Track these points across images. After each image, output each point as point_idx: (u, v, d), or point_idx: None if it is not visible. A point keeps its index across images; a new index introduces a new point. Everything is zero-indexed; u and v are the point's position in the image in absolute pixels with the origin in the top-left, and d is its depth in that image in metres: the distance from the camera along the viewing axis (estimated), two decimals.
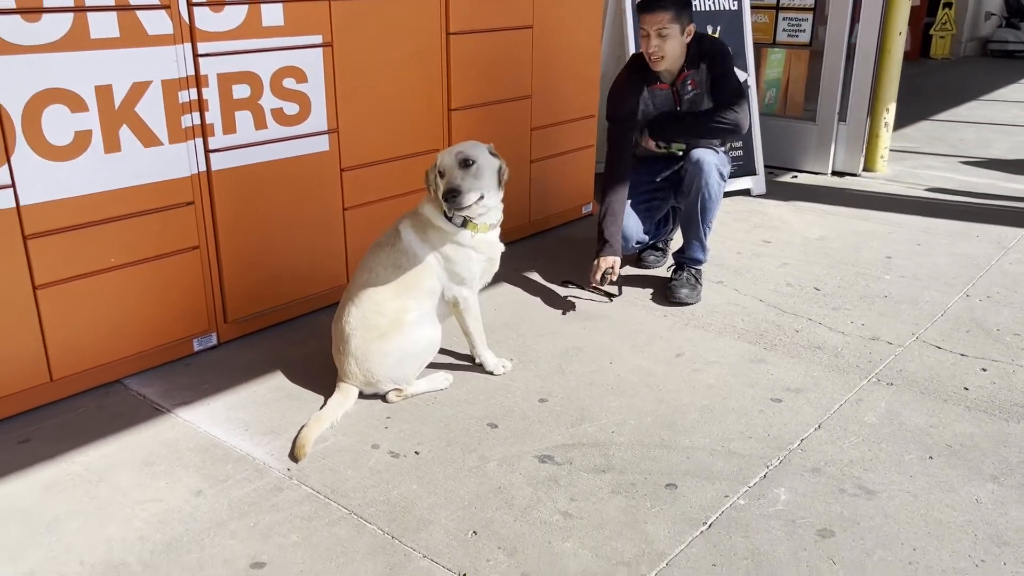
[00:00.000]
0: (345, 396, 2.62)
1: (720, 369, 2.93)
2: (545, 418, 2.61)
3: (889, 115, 5.46)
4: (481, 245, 2.74)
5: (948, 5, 12.01)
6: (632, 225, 3.53)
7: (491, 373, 2.87)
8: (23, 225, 2.48)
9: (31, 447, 2.45)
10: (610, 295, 3.48)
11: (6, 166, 2.41)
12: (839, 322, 3.30)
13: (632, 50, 4.57)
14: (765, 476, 2.32)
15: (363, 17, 3.20)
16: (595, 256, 3.41)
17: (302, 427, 2.48)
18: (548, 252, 4.07)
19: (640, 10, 3.36)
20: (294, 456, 2.38)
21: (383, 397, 2.70)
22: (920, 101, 8.30)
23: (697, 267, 3.56)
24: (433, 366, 2.82)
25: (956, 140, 6.67)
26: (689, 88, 3.49)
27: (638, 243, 3.63)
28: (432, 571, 1.96)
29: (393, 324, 2.64)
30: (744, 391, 2.77)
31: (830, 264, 3.93)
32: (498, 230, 2.83)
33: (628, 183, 3.47)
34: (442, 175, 2.67)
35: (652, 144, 3.57)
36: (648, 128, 3.52)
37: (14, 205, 2.45)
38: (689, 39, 3.39)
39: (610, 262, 3.37)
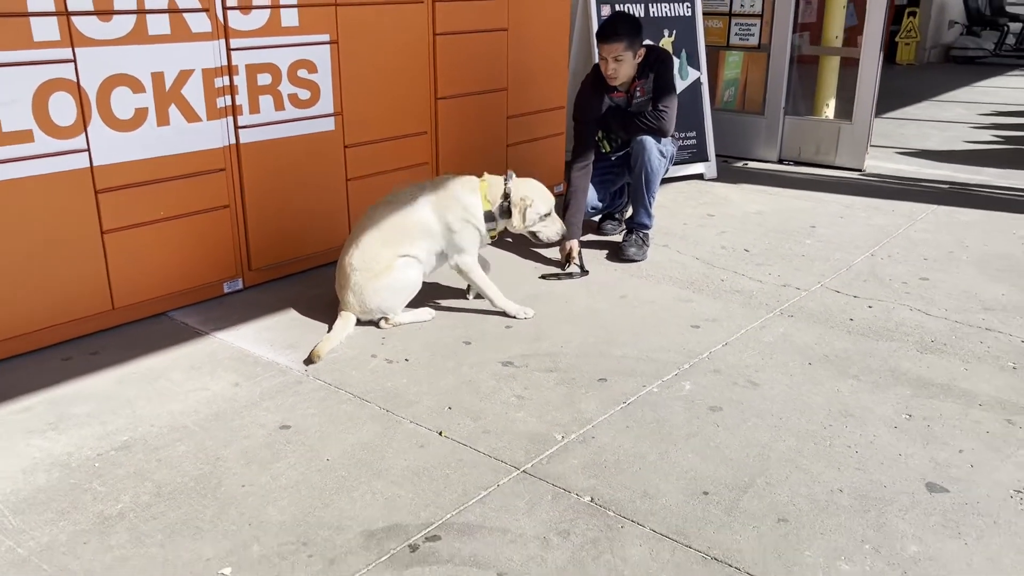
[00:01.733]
0: (345, 322, 3.28)
1: (654, 307, 3.59)
2: (509, 338, 3.27)
3: (829, 109, 6.14)
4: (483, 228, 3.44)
5: (913, 13, 12.74)
6: (590, 195, 4.20)
7: (514, 317, 3.44)
8: (95, 181, 3.14)
9: (101, 357, 3.10)
10: (583, 270, 4.04)
11: (83, 135, 3.07)
12: (759, 274, 3.97)
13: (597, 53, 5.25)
14: (676, 375, 2.98)
15: (363, 19, 3.87)
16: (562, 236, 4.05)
17: (316, 344, 3.13)
18: None
19: (599, 39, 4.01)
20: (310, 360, 3.04)
21: (376, 323, 3.36)
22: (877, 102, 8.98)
23: (644, 231, 4.22)
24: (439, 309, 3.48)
25: (898, 135, 7.37)
26: (638, 95, 4.15)
27: (593, 208, 4.29)
28: (417, 431, 2.61)
29: (385, 268, 3.30)
30: (670, 320, 3.44)
31: (762, 232, 4.61)
32: None
33: (590, 175, 4.14)
34: (548, 215, 3.48)
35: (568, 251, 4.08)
36: (597, 122, 4.19)
37: (88, 165, 3.11)
38: (640, 59, 4.05)
39: (572, 244, 4.02)
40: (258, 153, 3.62)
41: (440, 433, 2.60)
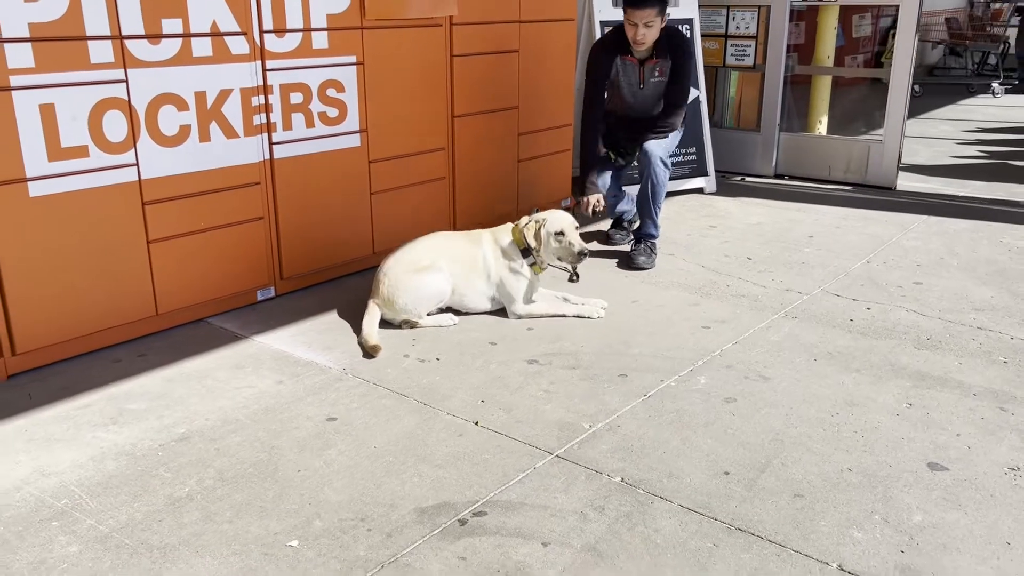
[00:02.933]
0: (371, 314, 3.49)
1: (665, 310, 3.81)
2: (531, 339, 3.48)
3: (822, 126, 6.41)
4: (532, 276, 3.70)
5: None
6: (606, 178, 4.44)
7: (590, 318, 3.69)
8: (143, 194, 3.33)
9: (148, 359, 3.28)
10: (574, 274, 4.01)
11: (133, 150, 3.27)
12: (762, 280, 4.19)
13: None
14: (691, 370, 3.19)
15: (387, 42, 4.10)
16: (582, 195, 4.32)
17: (361, 341, 3.35)
18: None
19: (629, 5, 4.23)
20: (370, 354, 3.28)
21: (398, 325, 3.55)
22: (865, 118, 9.30)
23: (652, 240, 4.45)
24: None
25: None
26: (656, 74, 4.41)
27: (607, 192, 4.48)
28: (454, 421, 2.81)
29: (423, 269, 3.53)
30: (681, 323, 3.65)
31: (763, 242, 4.84)
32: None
33: (599, 132, 4.37)
34: (561, 234, 3.58)
35: (593, 203, 4.35)
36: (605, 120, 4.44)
37: (137, 179, 3.31)
38: (664, 24, 4.30)
39: (595, 198, 4.29)
40: (290, 168, 3.83)
41: (476, 423, 2.79)
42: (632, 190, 4.74)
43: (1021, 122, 9.34)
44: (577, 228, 3.65)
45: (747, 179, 6.41)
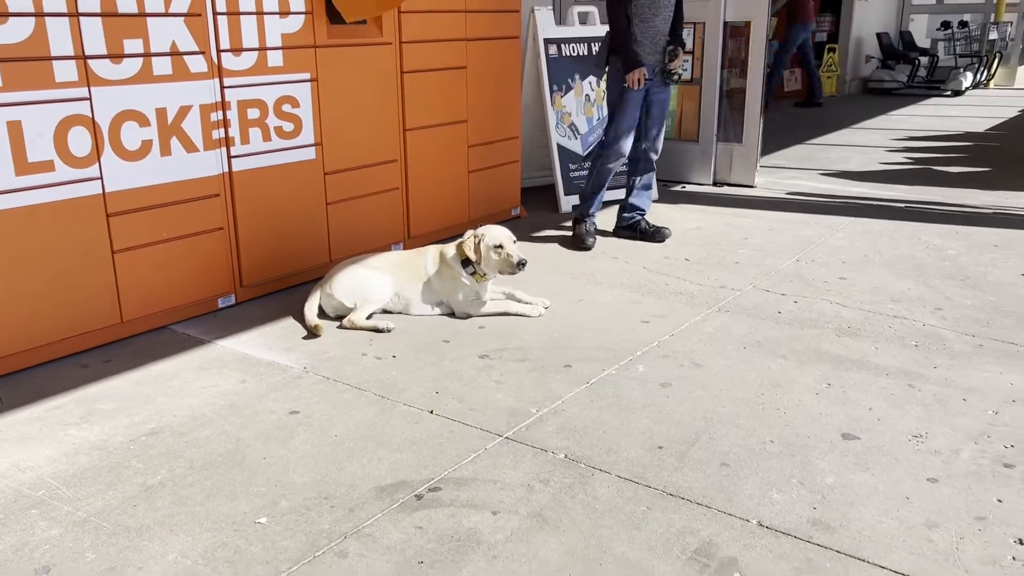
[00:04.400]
0: (312, 298, 3.79)
1: (608, 308, 4.05)
2: (484, 336, 3.69)
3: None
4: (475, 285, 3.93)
5: (832, 49, 13.68)
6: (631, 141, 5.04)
7: (530, 316, 3.91)
8: (107, 206, 3.49)
9: (115, 364, 3.43)
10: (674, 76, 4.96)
11: (97, 164, 3.42)
12: (699, 279, 4.46)
13: (547, 90, 5.77)
14: (631, 360, 3.43)
15: (339, 59, 4.30)
16: (629, 71, 4.78)
17: (307, 325, 3.65)
18: None
19: None
20: (313, 331, 3.61)
21: (337, 320, 3.79)
22: (801, 130, 9.74)
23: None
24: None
25: (822, 158, 8.04)
26: None
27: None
28: (410, 411, 3.00)
29: (371, 268, 3.82)
30: (622, 319, 3.90)
31: (700, 244, 5.12)
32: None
33: (630, 30, 4.78)
34: (500, 247, 3.80)
35: (639, 78, 4.81)
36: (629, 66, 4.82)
37: (101, 192, 3.46)
38: None
39: (639, 72, 4.77)
40: (249, 180, 4.00)
41: (431, 412, 2.99)
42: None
43: (944, 131, 9.84)
44: (515, 241, 3.88)
45: (687, 187, 6.71)
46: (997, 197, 6.32)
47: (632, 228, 5.26)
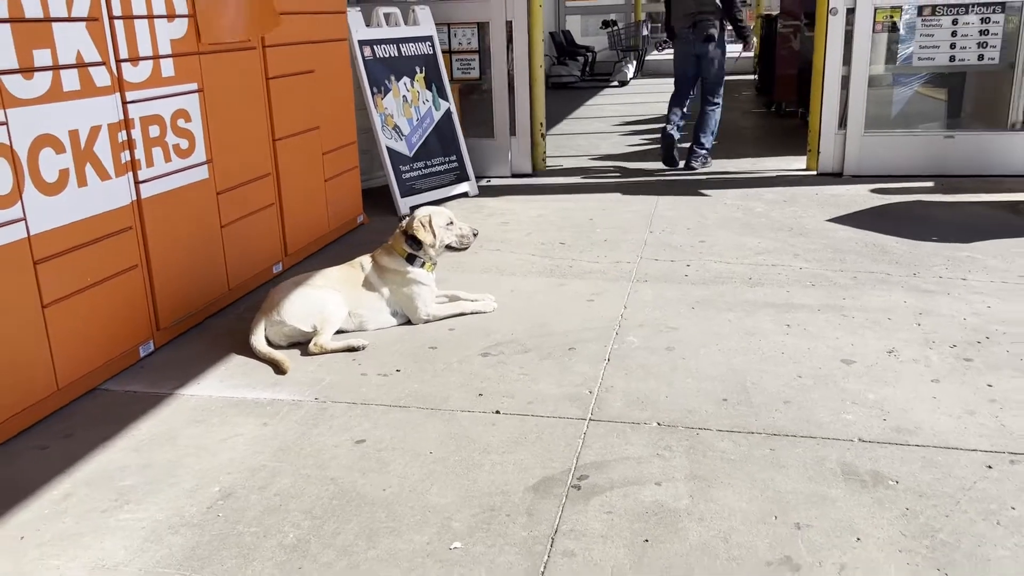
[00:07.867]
0: (257, 331, 3.48)
1: (545, 295, 4.19)
2: (464, 337, 3.64)
3: (543, 128, 7.22)
4: (429, 278, 3.81)
5: None
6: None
7: (485, 312, 3.91)
8: (32, 252, 2.87)
9: (79, 436, 2.85)
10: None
11: (19, 203, 2.81)
12: (591, 257, 4.77)
13: (368, 92, 5.67)
14: (617, 333, 3.63)
15: (219, 67, 3.91)
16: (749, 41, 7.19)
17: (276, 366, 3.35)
18: (342, 255, 4.98)
19: None
20: (280, 366, 3.31)
21: (304, 349, 3.51)
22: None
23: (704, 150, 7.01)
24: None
25: (574, 146, 8.78)
26: None
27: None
28: (475, 416, 2.92)
29: (318, 287, 3.59)
30: (569, 302, 4.07)
31: (558, 229, 5.43)
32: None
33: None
34: (451, 223, 3.75)
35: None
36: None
37: (26, 235, 2.84)
38: None
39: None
40: (157, 207, 3.51)
41: (496, 412, 2.95)
42: None
43: (646, 115, 11.21)
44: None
45: (491, 180, 6.99)
46: (748, 164, 7.40)
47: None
